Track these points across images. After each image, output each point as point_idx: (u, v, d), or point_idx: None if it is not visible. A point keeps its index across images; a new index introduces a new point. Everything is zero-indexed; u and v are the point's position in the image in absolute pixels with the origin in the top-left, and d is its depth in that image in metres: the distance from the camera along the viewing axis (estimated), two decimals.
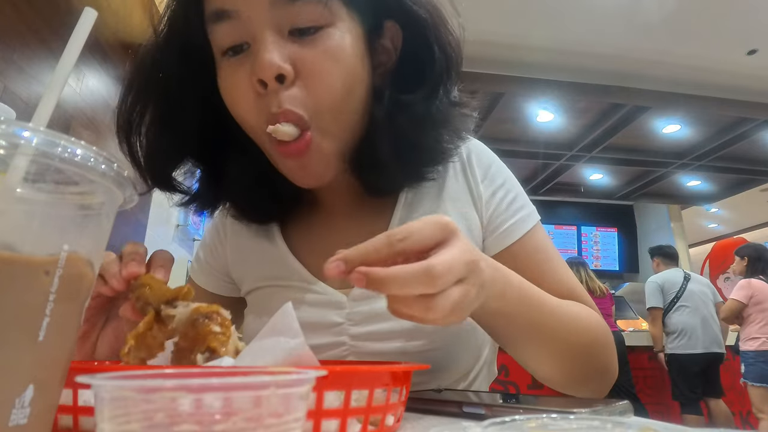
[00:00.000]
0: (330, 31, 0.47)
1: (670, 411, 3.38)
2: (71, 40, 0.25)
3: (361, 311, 0.57)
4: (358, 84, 0.50)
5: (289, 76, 0.46)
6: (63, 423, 0.28)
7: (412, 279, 0.34)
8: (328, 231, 0.62)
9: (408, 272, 0.34)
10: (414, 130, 0.52)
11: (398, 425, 0.35)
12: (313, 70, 0.47)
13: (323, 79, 0.47)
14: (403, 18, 0.52)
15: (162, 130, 0.55)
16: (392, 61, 0.54)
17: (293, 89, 0.47)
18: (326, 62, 0.47)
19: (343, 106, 0.49)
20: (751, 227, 7.69)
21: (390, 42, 0.54)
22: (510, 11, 2.97)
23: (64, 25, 2.10)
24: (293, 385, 0.18)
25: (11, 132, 0.18)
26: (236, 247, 0.66)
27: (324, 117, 0.48)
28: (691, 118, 3.86)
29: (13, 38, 1.84)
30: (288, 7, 0.46)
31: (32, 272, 0.19)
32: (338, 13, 0.48)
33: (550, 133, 4.06)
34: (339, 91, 0.48)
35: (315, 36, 0.47)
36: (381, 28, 0.53)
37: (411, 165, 0.55)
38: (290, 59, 0.46)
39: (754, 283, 3.18)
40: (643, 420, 0.35)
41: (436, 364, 0.56)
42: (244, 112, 0.49)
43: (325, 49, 0.47)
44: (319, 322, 0.57)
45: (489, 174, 0.62)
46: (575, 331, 0.50)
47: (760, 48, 3.32)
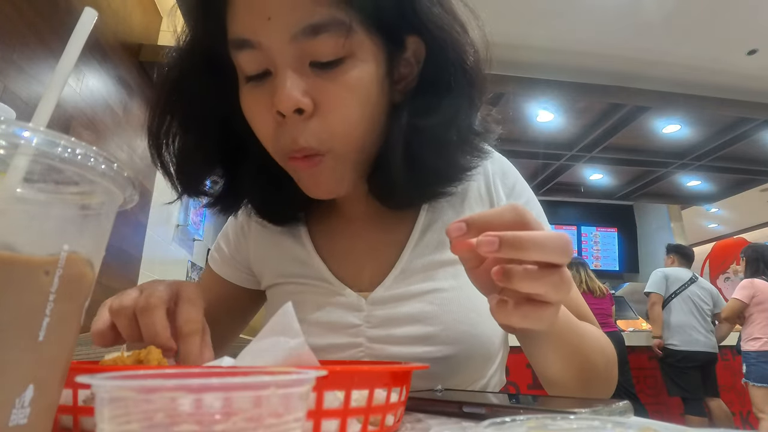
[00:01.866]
0: (350, 62, 0.47)
1: (670, 411, 3.38)
2: (71, 40, 0.25)
3: (379, 315, 0.58)
4: (375, 108, 0.50)
5: (308, 109, 0.47)
6: (63, 423, 0.28)
7: (551, 243, 0.33)
8: (350, 236, 0.64)
9: (547, 237, 0.33)
10: (429, 152, 0.52)
11: (398, 425, 0.35)
12: (331, 103, 0.47)
13: (340, 112, 0.48)
14: (424, 33, 0.51)
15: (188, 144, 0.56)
16: (414, 75, 0.54)
17: (311, 122, 0.47)
18: (345, 95, 0.47)
19: (358, 133, 0.50)
20: (751, 227, 7.69)
21: (412, 55, 0.53)
22: (510, 11, 2.97)
23: (64, 25, 2.10)
24: (293, 385, 0.18)
25: (11, 132, 0.18)
26: (259, 241, 0.68)
27: (338, 144, 0.49)
28: (691, 118, 3.86)
29: (13, 38, 1.84)
30: (309, 41, 0.45)
31: (32, 272, 0.19)
32: (360, 41, 0.47)
33: (550, 133, 4.06)
34: (355, 121, 0.49)
35: (335, 69, 0.47)
36: (403, 44, 0.52)
37: (427, 185, 0.56)
38: (309, 92, 0.47)
39: (756, 283, 3.18)
40: (643, 420, 0.35)
41: (449, 370, 0.57)
42: (265, 138, 0.51)
43: (344, 81, 0.47)
44: (337, 323, 0.58)
45: (513, 193, 0.64)
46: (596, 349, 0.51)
47: (760, 48, 3.32)
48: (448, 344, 0.56)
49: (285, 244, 0.65)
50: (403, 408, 0.36)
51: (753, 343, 3.09)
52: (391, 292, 0.59)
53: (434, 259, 0.60)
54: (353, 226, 0.64)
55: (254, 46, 0.47)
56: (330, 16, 0.45)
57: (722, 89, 3.63)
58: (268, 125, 0.49)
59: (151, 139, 0.56)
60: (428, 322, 0.56)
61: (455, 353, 0.56)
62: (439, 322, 0.56)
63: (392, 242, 0.62)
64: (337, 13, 0.45)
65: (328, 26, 0.45)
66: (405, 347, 0.56)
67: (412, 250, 0.60)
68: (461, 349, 0.56)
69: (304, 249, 0.64)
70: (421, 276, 0.59)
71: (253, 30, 0.46)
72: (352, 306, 0.59)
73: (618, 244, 6.43)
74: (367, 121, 0.50)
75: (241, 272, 0.70)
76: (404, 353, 0.56)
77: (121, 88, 2.79)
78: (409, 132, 0.51)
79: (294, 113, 0.46)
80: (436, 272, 0.59)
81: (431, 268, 0.59)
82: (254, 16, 0.46)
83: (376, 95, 0.50)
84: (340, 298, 0.60)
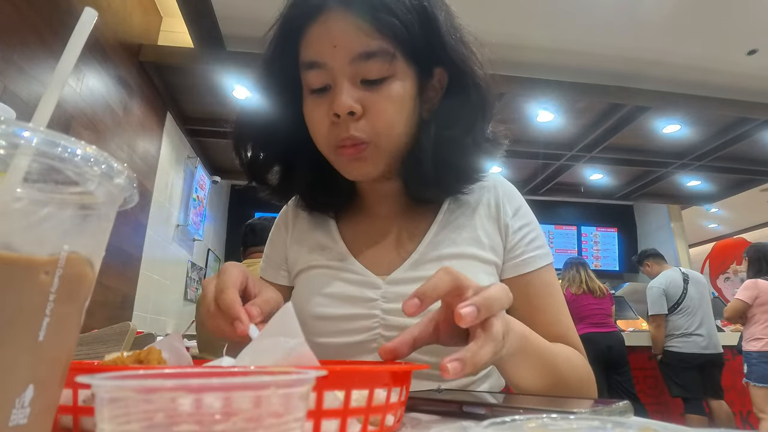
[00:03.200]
0: (392, 81, 0.61)
1: (670, 411, 3.38)
2: (71, 40, 0.25)
3: (394, 291, 0.67)
4: (409, 118, 0.64)
5: (358, 113, 0.60)
6: (63, 423, 0.28)
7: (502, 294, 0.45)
8: (374, 231, 0.75)
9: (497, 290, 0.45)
10: (452, 155, 0.66)
11: (398, 425, 0.35)
12: (377, 110, 0.61)
13: (383, 117, 0.61)
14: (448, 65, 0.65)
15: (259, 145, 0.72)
16: (438, 97, 0.68)
17: (360, 122, 0.61)
18: (387, 104, 0.61)
19: (396, 134, 0.63)
20: (751, 227, 7.69)
21: (438, 82, 0.67)
22: (510, 11, 2.97)
23: (64, 25, 2.10)
24: (293, 385, 0.18)
25: (11, 132, 0.18)
26: (297, 234, 0.80)
27: (380, 140, 0.63)
28: (691, 118, 3.86)
29: (13, 38, 1.84)
30: (363, 63, 0.60)
31: (32, 272, 0.19)
32: (400, 67, 0.62)
33: (550, 133, 4.06)
34: (394, 124, 0.62)
35: (381, 85, 0.61)
36: (431, 73, 0.66)
37: (448, 181, 0.69)
38: (360, 101, 0.61)
39: (760, 283, 3.17)
40: (643, 420, 0.35)
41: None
42: (320, 135, 0.64)
43: (388, 95, 0.61)
44: (356, 296, 0.68)
45: (518, 213, 0.74)
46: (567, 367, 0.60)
47: (760, 48, 3.32)
48: None
49: (315, 236, 0.77)
50: (403, 408, 0.36)
51: (755, 343, 3.08)
52: (406, 274, 0.68)
53: (446, 251, 0.69)
54: (377, 224, 0.75)
55: (321, 66, 0.61)
56: (380, 46, 0.59)
57: (722, 89, 3.63)
58: (324, 125, 0.63)
59: (234, 139, 0.72)
60: None
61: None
62: None
63: (410, 237, 0.72)
64: (385, 44, 0.60)
65: (378, 54, 0.60)
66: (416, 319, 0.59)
67: (427, 244, 0.70)
68: None
69: (333, 240, 0.75)
70: (434, 264, 0.68)
71: (322, 54, 0.61)
72: (371, 284, 0.68)
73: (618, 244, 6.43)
74: (402, 126, 0.64)
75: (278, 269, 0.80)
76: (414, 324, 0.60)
77: (121, 88, 2.79)
78: (435, 139, 0.65)
79: (347, 115, 0.60)
80: (448, 262, 0.67)
81: (443, 258, 0.68)
82: (324, 44, 0.61)
83: (410, 108, 0.64)
84: (360, 277, 0.69)
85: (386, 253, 0.72)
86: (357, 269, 0.70)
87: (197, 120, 3.82)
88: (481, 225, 0.72)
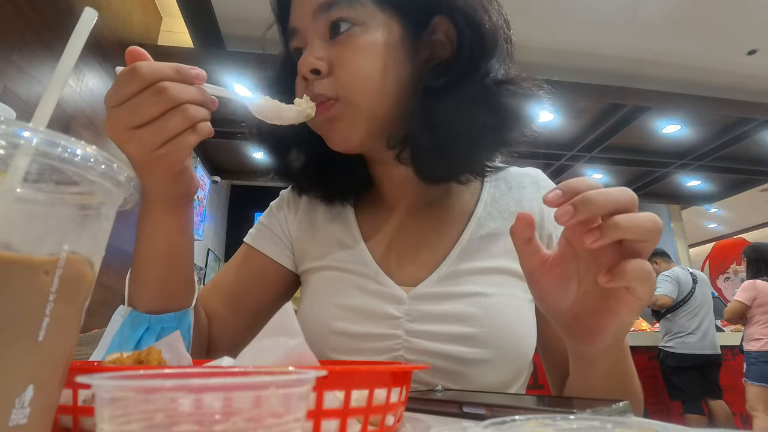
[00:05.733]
0: (360, 29, 0.56)
1: (670, 411, 3.38)
2: (71, 40, 0.25)
3: (420, 309, 0.59)
4: (392, 73, 0.56)
5: (323, 70, 0.55)
6: (63, 423, 0.28)
7: (623, 197, 0.37)
8: (397, 228, 0.66)
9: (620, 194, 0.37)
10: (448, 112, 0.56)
11: (398, 425, 0.35)
12: (343, 62, 0.55)
13: (350, 69, 0.55)
14: (448, 12, 0.56)
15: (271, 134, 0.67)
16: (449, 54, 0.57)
17: (326, 79, 0.56)
18: (354, 55, 0.55)
19: (371, 89, 0.56)
20: (751, 227, 7.69)
21: (444, 36, 0.58)
22: (510, 11, 2.97)
23: (64, 25, 2.10)
24: (293, 385, 0.18)
25: (11, 132, 0.18)
26: (306, 222, 0.71)
27: (352, 95, 0.56)
28: (691, 118, 3.86)
29: (13, 38, 1.84)
30: (326, 15, 0.56)
31: (32, 272, 0.19)
32: (371, 13, 0.56)
33: (550, 133, 4.06)
34: (365, 77, 0.55)
35: (346, 35, 0.55)
36: (427, 24, 0.57)
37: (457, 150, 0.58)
38: (326, 57, 0.56)
39: (758, 284, 3.18)
40: (643, 420, 0.35)
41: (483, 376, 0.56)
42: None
43: (354, 45, 0.55)
44: (378, 312, 0.59)
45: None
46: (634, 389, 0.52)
47: (760, 48, 3.32)
48: (486, 348, 0.56)
49: (332, 229, 0.68)
50: (403, 408, 0.36)
51: (754, 343, 3.10)
52: (434, 290, 0.60)
53: (479, 265, 0.61)
54: (400, 219, 0.67)
55: (296, 31, 0.59)
56: None
57: (722, 89, 3.63)
58: (300, 89, 0.58)
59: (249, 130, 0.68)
60: (469, 323, 0.57)
61: (491, 358, 0.56)
62: (479, 325, 0.56)
63: (438, 241, 0.64)
64: None
65: (338, 1, 0.55)
66: (442, 344, 0.56)
67: (459, 253, 0.62)
68: (497, 354, 0.56)
69: (350, 235, 0.66)
70: (465, 279, 0.60)
71: (293, 18, 0.59)
72: (394, 298, 0.60)
73: None
74: (380, 81, 0.56)
75: (282, 248, 0.71)
76: (441, 350, 0.56)
77: None
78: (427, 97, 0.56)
79: (312, 74, 0.56)
80: (480, 278, 0.60)
81: (476, 273, 0.60)
82: (295, 8, 0.59)
83: (389, 60, 0.56)
84: (382, 289, 0.61)
85: (411, 259, 0.63)
86: (380, 279, 0.61)
87: None
88: None
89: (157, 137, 0.43)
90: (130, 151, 0.44)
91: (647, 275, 0.36)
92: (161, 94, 0.42)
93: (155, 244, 0.54)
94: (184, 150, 0.45)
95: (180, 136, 0.44)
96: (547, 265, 0.41)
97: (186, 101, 0.43)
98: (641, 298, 0.37)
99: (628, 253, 0.37)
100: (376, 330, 0.59)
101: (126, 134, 0.43)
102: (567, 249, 0.40)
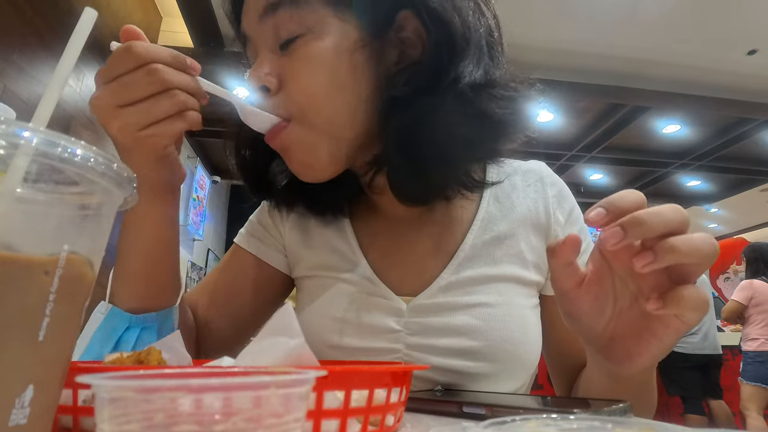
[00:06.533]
0: (309, 37, 0.49)
1: (670, 411, 3.38)
2: (71, 40, 0.25)
3: (420, 322, 0.56)
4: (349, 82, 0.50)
5: (271, 86, 0.50)
6: (63, 423, 0.28)
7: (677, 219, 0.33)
8: (395, 237, 0.62)
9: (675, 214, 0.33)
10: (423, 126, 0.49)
11: (398, 425, 0.35)
12: (292, 76, 0.50)
13: (300, 83, 0.49)
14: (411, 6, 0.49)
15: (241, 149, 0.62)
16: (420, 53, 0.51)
17: (277, 97, 0.50)
18: (303, 67, 0.49)
19: (325, 102, 0.50)
20: (751, 227, 7.69)
21: (413, 33, 0.51)
22: (510, 11, 2.97)
23: (64, 25, 2.10)
24: (293, 385, 0.18)
25: (11, 132, 0.18)
26: (300, 227, 0.66)
27: (307, 114, 0.50)
28: (691, 118, 3.86)
29: (13, 38, 1.84)
30: (272, 20, 0.49)
31: (32, 272, 0.19)
32: (320, 17, 0.49)
33: (550, 133, 4.06)
34: (319, 91, 0.49)
35: (294, 45, 0.49)
36: (391, 21, 0.50)
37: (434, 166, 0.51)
38: (274, 71, 0.50)
39: (755, 284, 3.18)
40: (643, 420, 0.35)
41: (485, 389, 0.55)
42: None
43: (302, 55, 0.49)
44: (377, 326, 0.57)
45: (571, 218, 0.62)
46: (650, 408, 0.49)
47: (760, 48, 3.32)
48: (490, 361, 0.54)
49: (327, 236, 0.64)
50: (403, 408, 0.36)
51: (751, 343, 3.11)
52: (435, 300, 0.56)
53: (482, 273, 0.57)
54: (398, 228, 0.62)
55: (246, 39, 0.54)
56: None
57: (722, 89, 3.63)
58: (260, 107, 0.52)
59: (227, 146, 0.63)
60: (472, 336, 0.54)
61: (495, 372, 0.54)
62: (483, 338, 0.54)
63: (441, 250, 0.60)
64: None
65: (281, 3, 0.49)
66: (444, 358, 0.54)
67: (460, 262, 0.58)
68: (501, 368, 0.55)
69: (347, 243, 0.62)
70: (467, 289, 0.57)
71: (243, 24, 0.53)
72: (393, 310, 0.57)
73: None
74: (336, 94, 0.49)
75: (275, 251, 0.67)
76: (443, 364, 0.54)
77: None
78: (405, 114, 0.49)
79: (261, 91, 0.50)
80: (483, 287, 0.57)
81: (478, 282, 0.57)
82: (243, 13, 0.53)
83: (345, 69, 0.49)
84: (381, 300, 0.58)
85: (410, 268, 0.59)
86: (378, 289, 0.58)
87: None
88: (525, 236, 0.60)
89: (143, 118, 0.42)
90: (114, 129, 0.43)
91: (703, 303, 0.33)
92: (154, 75, 0.41)
93: (139, 236, 0.51)
94: (169, 135, 0.44)
95: (167, 120, 0.43)
96: (585, 285, 0.38)
97: (177, 87, 0.42)
98: (690, 325, 0.35)
99: (677, 275, 0.34)
100: (375, 344, 0.56)
101: (112, 112, 0.42)
102: (603, 265, 0.37)
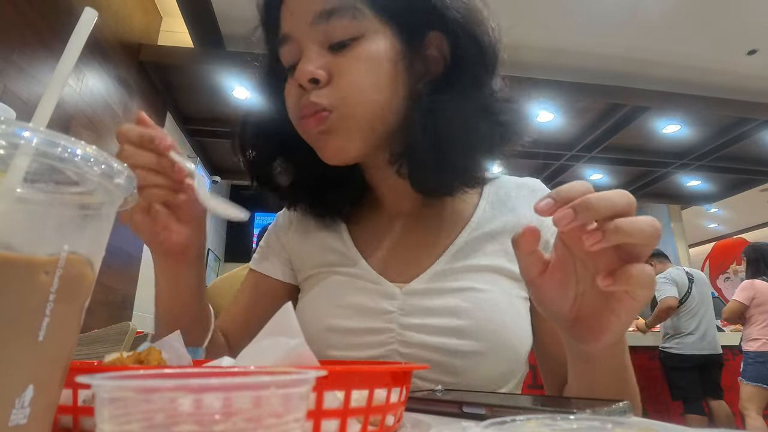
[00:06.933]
0: (361, 41, 0.55)
1: (670, 411, 3.38)
2: (71, 40, 0.25)
3: (413, 303, 0.60)
4: (389, 84, 0.56)
5: (322, 79, 0.54)
6: (63, 423, 0.28)
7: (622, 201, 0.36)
8: (390, 234, 0.68)
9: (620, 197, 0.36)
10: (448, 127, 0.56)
11: (398, 425, 0.35)
12: (343, 72, 0.54)
13: (349, 79, 0.54)
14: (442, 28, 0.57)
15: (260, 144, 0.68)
16: (441, 70, 0.59)
17: (324, 89, 0.55)
18: (354, 65, 0.54)
19: (367, 99, 0.55)
20: (751, 227, 7.69)
21: (437, 51, 0.59)
22: (510, 11, 2.97)
23: (64, 25, 2.10)
24: (293, 385, 0.18)
25: (11, 132, 0.18)
26: (301, 231, 0.73)
27: (348, 105, 0.55)
28: (691, 118, 3.86)
29: (13, 38, 1.84)
30: (324, 25, 0.55)
31: (32, 272, 0.19)
32: (371, 24, 0.55)
33: (550, 133, 4.06)
34: (363, 88, 0.55)
35: (349, 47, 0.55)
36: (423, 39, 0.58)
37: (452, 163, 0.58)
38: (325, 67, 0.55)
39: (757, 284, 3.18)
40: (643, 420, 0.35)
41: (476, 369, 0.57)
42: (289, 110, 0.59)
43: (354, 55, 0.55)
44: (372, 308, 0.61)
45: None
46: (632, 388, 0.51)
47: (760, 48, 3.32)
48: (477, 340, 0.57)
49: (324, 238, 0.70)
50: (403, 408, 0.36)
51: (752, 343, 3.10)
52: (427, 285, 0.61)
53: (474, 263, 0.62)
54: (394, 226, 0.68)
55: (288, 39, 0.57)
56: (339, 1, 0.54)
57: (722, 89, 3.63)
58: (293, 99, 0.57)
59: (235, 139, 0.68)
60: (461, 316, 0.58)
61: (482, 350, 0.57)
62: (470, 317, 0.58)
63: (435, 245, 0.65)
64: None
65: (339, 10, 0.54)
66: (435, 337, 0.57)
67: (453, 254, 0.63)
68: (488, 347, 0.57)
69: (342, 241, 0.68)
70: (458, 276, 0.61)
71: (286, 25, 0.57)
72: (387, 294, 0.61)
73: None
74: (376, 92, 0.55)
75: (280, 265, 0.73)
76: (434, 343, 0.57)
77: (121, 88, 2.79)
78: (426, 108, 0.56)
79: (310, 84, 0.55)
80: (474, 275, 0.61)
81: (470, 270, 0.61)
82: (286, 15, 0.58)
83: (388, 72, 0.56)
84: (375, 286, 0.62)
85: (404, 260, 0.64)
86: (371, 276, 0.63)
87: (197, 120, 3.82)
88: None
89: None
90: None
91: (649, 280, 0.36)
92: (119, 155, 0.48)
93: (158, 286, 0.60)
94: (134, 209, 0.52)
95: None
96: (548, 272, 0.41)
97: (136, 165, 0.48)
98: (640, 302, 0.38)
99: (627, 255, 0.37)
100: (371, 324, 0.60)
101: None
102: (564, 252, 0.40)
